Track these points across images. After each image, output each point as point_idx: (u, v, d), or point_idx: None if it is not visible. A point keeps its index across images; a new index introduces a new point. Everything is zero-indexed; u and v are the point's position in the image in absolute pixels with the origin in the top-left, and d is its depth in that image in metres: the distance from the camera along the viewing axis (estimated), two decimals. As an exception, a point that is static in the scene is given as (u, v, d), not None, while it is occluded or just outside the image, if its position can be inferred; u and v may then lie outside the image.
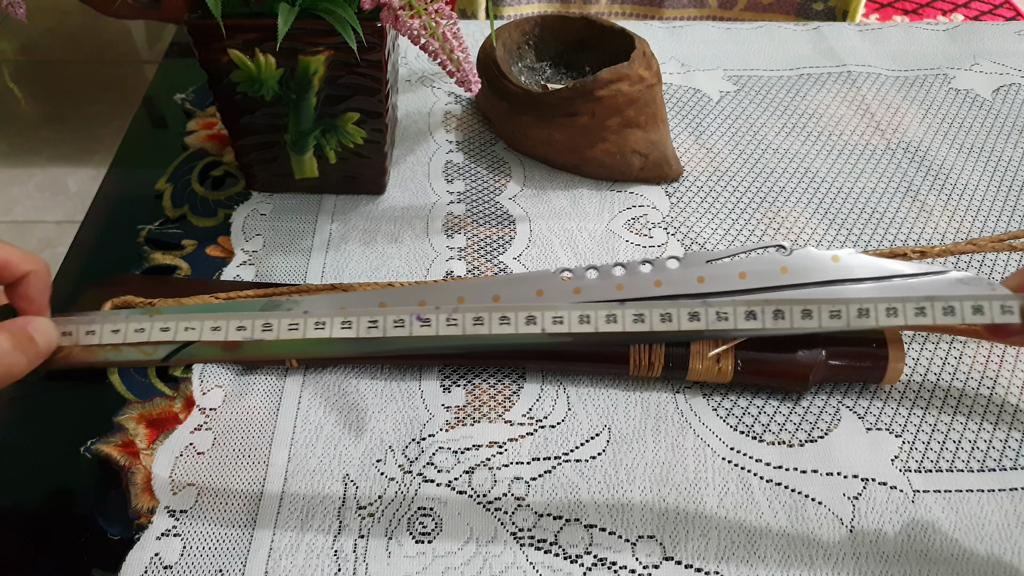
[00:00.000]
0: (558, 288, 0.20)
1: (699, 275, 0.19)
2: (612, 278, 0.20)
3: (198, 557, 0.22)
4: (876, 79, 0.42)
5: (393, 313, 0.17)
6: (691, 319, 0.17)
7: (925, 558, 0.22)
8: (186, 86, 0.40)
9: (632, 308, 0.17)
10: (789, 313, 0.17)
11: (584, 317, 0.17)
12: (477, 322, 0.17)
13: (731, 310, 0.17)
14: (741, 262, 0.20)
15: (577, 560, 0.22)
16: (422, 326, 0.17)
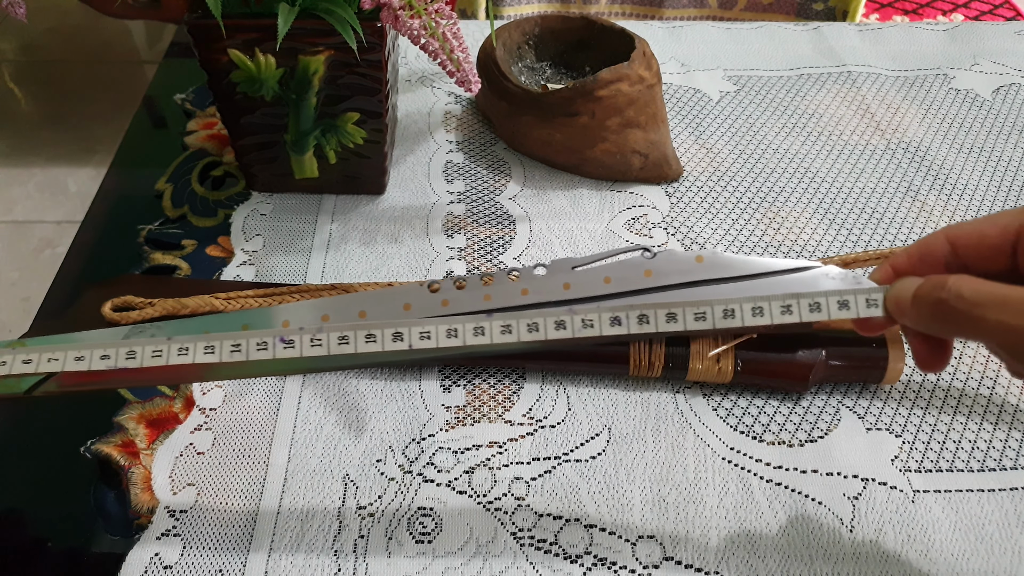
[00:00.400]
0: (426, 302, 0.19)
1: (565, 282, 0.19)
2: (480, 289, 0.19)
3: (198, 557, 0.22)
4: (876, 79, 0.42)
5: (256, 336, 0.17)
6: (557, 328, 0.17)
7: (925, 558, 0.22)
8: (186, 86, 0.40)
9: (500, 319, 0.17)
10: (653, 317, 0.17)
11: (452, 331, 0.17)
12: (342, 341, 0.17)
13: (596, 317, 0.17)
14: (606, 267, 0.19)
15: (577, 560, 0.22)
16: (285, 348, 0.17)
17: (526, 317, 0.17)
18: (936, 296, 0.16)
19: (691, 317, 0.17)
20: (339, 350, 0.17)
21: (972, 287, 0.15)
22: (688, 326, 0.17)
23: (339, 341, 0.17)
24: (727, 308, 0.17)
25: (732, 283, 0.19)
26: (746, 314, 0.17)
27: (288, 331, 0.17)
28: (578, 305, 0.17)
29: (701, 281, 0.19)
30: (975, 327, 0.15)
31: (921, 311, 0.16)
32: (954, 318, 0.15)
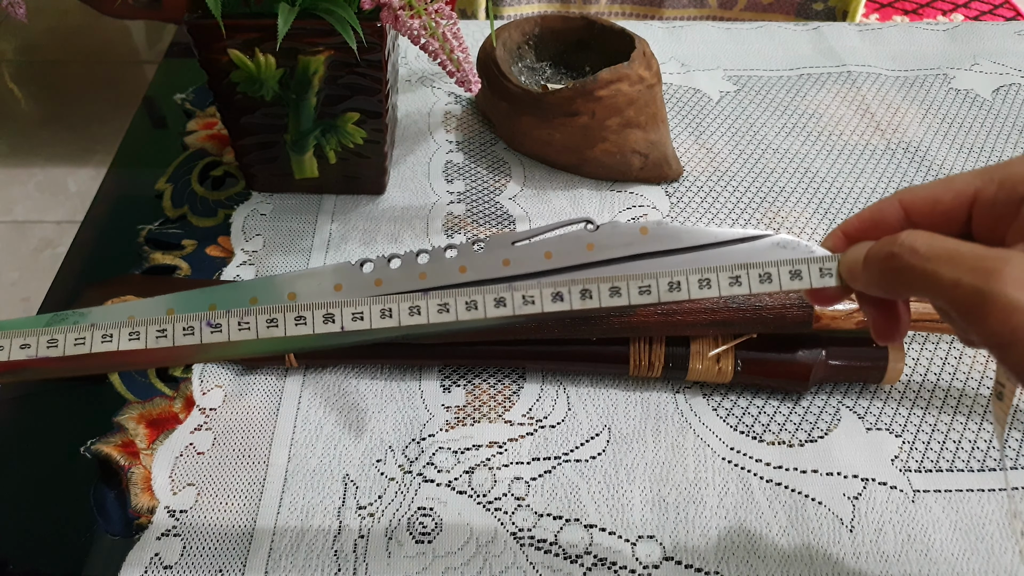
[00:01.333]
0: (358, 281, 0.18)
1: (505, 258, 0.18)
2: (416, 266, 0.18)
3: (198, 557, 0.22)
4: (876, 79, 0.42)
5: (183, 320, 0.16)
6: (497, 305, 0.16)
7: (925, 557, 0.22)
8: (186, 86, 0.40)
9: (436, 298, 0.16)
10: (596, 292, 0.16)
11: (386, 311, 0.16)
12: (271, 324, 0.16)
13: (537, 292, 0.16)
14: (547, 241, 0.18)
15: (577, 560, 0.22)
16: (212, 332, 0.16)
17: (464, 295, 0.16)
18: (888, 251, 0.15)
19: (635, 291, 0.16)
20: (268, 333, 0.16)
21: (926, 241, 0.14)
22: (633, 300, 0.16)
23: (268, 324, 0.16)
24: (672, 280, 0.16)
25: (679, 255, 0.18)
26: (692, 286, 0.16)
27: (215, 314, 0.16)
28: (518, 282, 0.17)
29: (647, 254, 0.18)
30: (927, 283, 0.14)
31: (872, 271, 0.15)
32: (906, 275, 0.14)
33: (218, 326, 0.16)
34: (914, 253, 0.14)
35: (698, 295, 0.16)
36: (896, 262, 0.15)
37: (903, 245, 0.14)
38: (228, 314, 0.16)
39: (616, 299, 0.16)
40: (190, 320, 0.16)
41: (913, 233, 0.15)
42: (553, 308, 0.16)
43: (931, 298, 0.14)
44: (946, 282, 0.13)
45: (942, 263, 0.14)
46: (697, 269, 0.16)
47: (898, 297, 0.16)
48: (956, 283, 0.13)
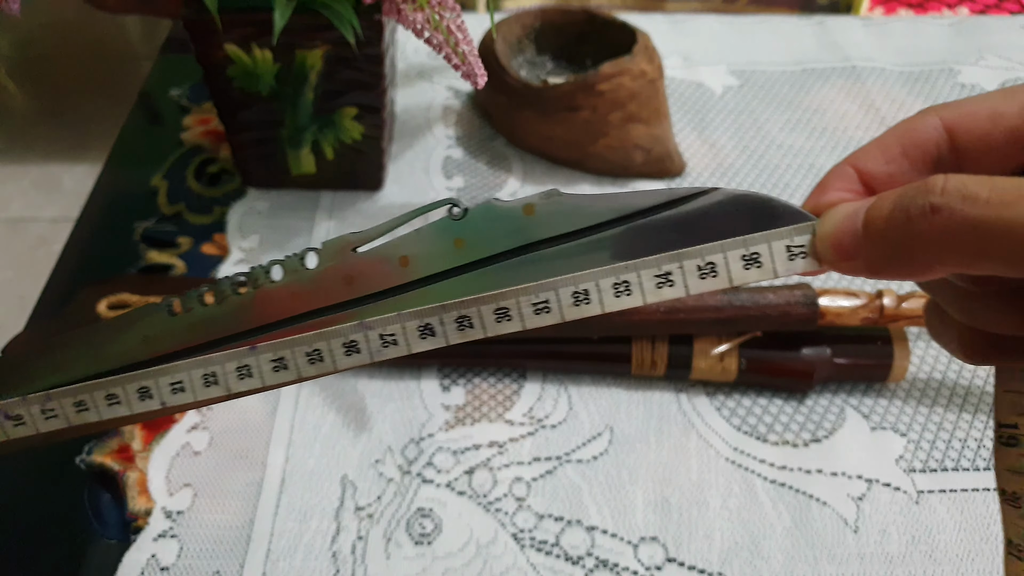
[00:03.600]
0: (169, 330, 0.14)
1: (346, 273, 0.13)
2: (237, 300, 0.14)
3: (195, 559, 0.21)
4: (881, 74, 0.41)
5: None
6: (348, 352, 0.12)
7: (930, 559, 0.22)
8: (182, 82, 0.39)
9: (268, 351, 0.13)
10: (478, 318, 0.12)
11: (210, 377, 0.13)
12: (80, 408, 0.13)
13: (399, 330, 0.12)
14: (400, 242, 0.13)
15: (579, 562, 0.21)
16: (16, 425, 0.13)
17: (303, 344, 0.12)
18: (923, 203, 0.09)
19: (529, 310, 0.12)
20: (81, 419, 0.13)
21: (986, 183, 0.09)
22: (529, 323, 0.12)
23: (76, 408, 0.13)
24: (578, 290, 0.12)
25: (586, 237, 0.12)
26: (607, 296, 0.12)
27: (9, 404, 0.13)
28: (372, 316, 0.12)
29: (538, 243, 0.12)
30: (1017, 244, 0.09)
31: (889, 240, 0.10)
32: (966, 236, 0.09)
33: (19, 417, 0.13)
34: (974, 200, 0.09)
35: (615, 306, 0.12)
36: (943, 219, 0.09)
37: (950, 192, 0.09)
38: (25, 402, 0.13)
39: (506, 323, 0.12)
40: None
41: (952, 176, 0.09)
42: (423, 346, 0.12)
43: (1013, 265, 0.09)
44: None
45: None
46: (610, 269, 0.12)
47: (933, 275, 0.10)
48: None
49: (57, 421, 0.14)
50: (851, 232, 0.11)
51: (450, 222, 0.13)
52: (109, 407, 0.13)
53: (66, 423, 0.14)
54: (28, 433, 0.14)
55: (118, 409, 0.13)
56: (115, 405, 0.13)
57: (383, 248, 0.13)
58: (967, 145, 0.11)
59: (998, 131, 0.11)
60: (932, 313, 0.13)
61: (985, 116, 0.11)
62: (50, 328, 0.27)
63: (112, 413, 0.13)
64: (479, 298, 0.12)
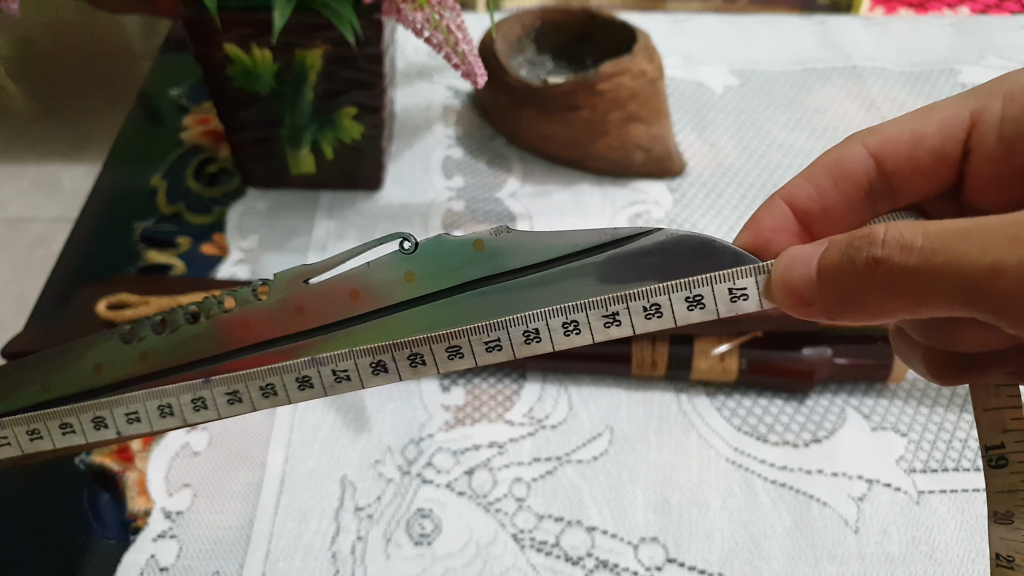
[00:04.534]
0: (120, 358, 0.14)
1: (298, 304, 0.13)
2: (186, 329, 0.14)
3: (194, 559, 0.21)
4: (882, 74, 0.41)
5: None
6: (301, 387, 0.12)
7: (930, 559, 0.22)
8: (182, 81, 0.39)
9: (223, 385, 0.13)
10: (430, 356, 0.12)
11: (165, 408, 0.13)
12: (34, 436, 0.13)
13: (350, 366, 0.12)
14: (351, 275, 0.13)
15: (579, 562, 0.21)
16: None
17: (257, 378, 0.13)
18: (866, 257, 0.10)
19: (481, 348, 0.12)
20: (34, 447, 0.13)
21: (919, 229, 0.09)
22: (480, 360, 0.12)
23: (30, 436, 0.13)
24: (528, 329, 0.12)
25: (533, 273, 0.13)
26: (556, 333, 0.12)
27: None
28: (324, 348, 0.13)
29: (485, 279, 0.13)
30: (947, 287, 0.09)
31: (839, 289, 0.10)
32: (909, 285, 0.09)
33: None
34: (909, 249, 0.09)
35: (565, 344, 0.12)
36: (884, 271, 0.10)
37: (889, 243, 0.10)
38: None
39: (458, 361, 0.12)
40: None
41: (891, 225, 0.10)
42: (376, 382, 0.12)
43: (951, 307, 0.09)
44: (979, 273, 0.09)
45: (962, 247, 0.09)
46: (560, 310, 0.12)
47: (886, 320, 0.11)
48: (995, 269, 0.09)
49: (10, 449, 0.13)
50: (806, 279, 0.11)
51: (401, 256, 0.13)
52: (64, 436, 0.13)
53: (19, 451, 0.13)
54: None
55: (73, 438, 0.13)
56: (70, 434, 0.13)
57: (334, 280, 0.13)
58: (895, 169, 0.12)
59: (921, 152, 0.11)
60: (897, 337, 0.13)
61: (907, 139, 0.11)
62: (49, 328, 0.27)
63: (67, 442, 0.13)
64: (431, 337, 0.12)
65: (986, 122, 0.11)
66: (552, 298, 0.12)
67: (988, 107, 0.11)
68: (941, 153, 0.11)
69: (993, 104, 0.11)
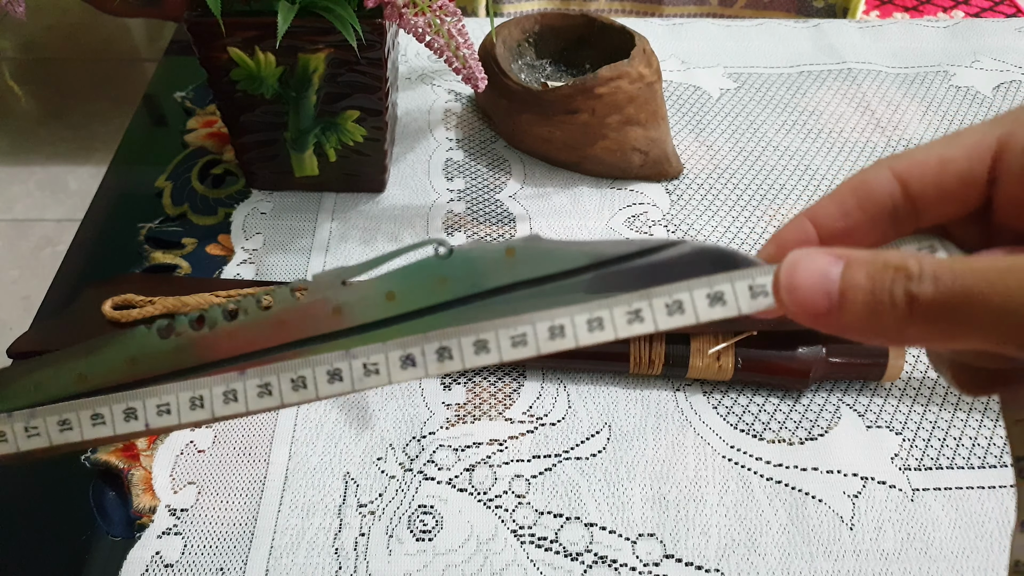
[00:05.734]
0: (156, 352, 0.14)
1: (335, 304, 0.14)
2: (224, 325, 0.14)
3: (199, 555, 0.22)
4: (876, 76, 0.41)
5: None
6: (331, 380, 0.13)
7: (925, 555, 0.22)
8: (186, 84, 0.40)
9: (255, 377, 0.13)
10: (458, 349, 0.13)
11: (196, 400, 0.13)
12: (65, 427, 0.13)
13: (382, 359, 0.13)
14: (389, 278, 0.14)
15: (577, 558, 0.22)
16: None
17: (289, 370, 0.13)
18: (903, 292, 0.10)
19: (507, 343, 0.13)
20: (63, 438, 0.13)
21: (949, 266, 0.10)
22: (506, 356, 0.13)
23: (60, 427, 0.13)
24: (554, 325, 0.13)
25: (560, 281, 0.13)
26: (580, 329, 0.12)
27: None
28: (358, 346, 0.13)
29: (517, 284, 0.13)
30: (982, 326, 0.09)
31: (868, 316, 0.10)
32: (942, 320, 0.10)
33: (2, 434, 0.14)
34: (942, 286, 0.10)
35: (588, 340, 0.13)
36: (920, 307, 0.10)
37: (925, 279, 0.10)
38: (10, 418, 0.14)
39: (484, 356, 0.13)
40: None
41: (923, 259, 0.10)
42: (405, 376, 0.13)
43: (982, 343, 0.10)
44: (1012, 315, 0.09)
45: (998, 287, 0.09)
46: (584, 307, 0.13)
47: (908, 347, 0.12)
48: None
49: (39, 440, 0.14)
50: (823, 294, 0.11)
51: (436, 260, 0.14)
52: (93, 427, 0.13)
53: (47, 442, 0.14)
54: (8, 451, 0.14)
55: (102, 430, 0.13)
56: (99, 425, 0.13)
57: (371, 283, 0.14)
58: (920, 193, 0.12)
59: (948, 177, 0.12)
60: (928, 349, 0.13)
61: (934, 163, 0.12)
62: (55, 328, 0.27)
63: (95, 433, 0.14)
64: (459, 329, 0.13)
65: (1013, 148, 0.11)
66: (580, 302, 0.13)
67: (1016, 133, 0.11)
68: (968, 178, 0.11)
69: (1020, 131, 0.11)
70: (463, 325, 0.13)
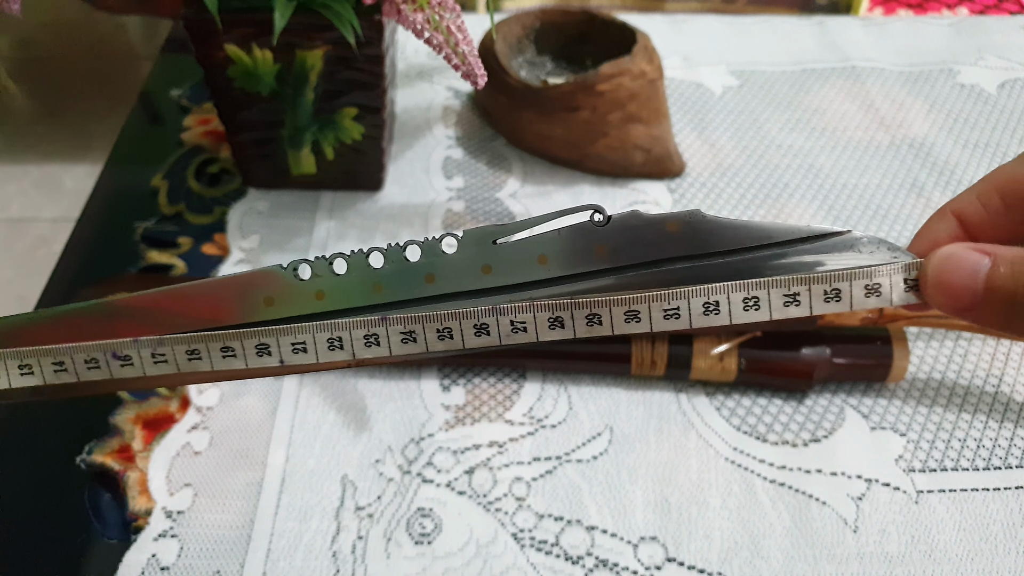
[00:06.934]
0: (293, 292, 0.14)
1: (484, 263, 0.14)
2: (368, 271, 0.14)
3: (195, 558, 0.21)
4: (880, 74, 0.41)
5: (84, 351, 0.13)
6: (478, 333, 0.13)
7: (929, 558, 0.22)
8: (182, 82, 0.39)
9: (398, 324, 0.13)
10: (608, 317, 0.13)
11: (335, 341, 0.13)
12: (193, 355, 0.13)
13: (529, 318, 0.13)
14: (541, 240, 0.14)
15: (579, 561, 0.21)
16: (123, 365, 0.13)
17: (435, 321, 0.13)
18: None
19: (659, 315, 0.13)
20: (191, 367, 0.13)
21: None
22: (656, 326, 0.13)
23: (189, 356, 0.13)
24: (709, 300, 0.12)
25: (717, 259, 0.13)
26: (735, 307, 0.13)
27: (123, 344, 0.13)
28: (504, 302, 0.13)
29: (676, 258, 0.13)
30: None
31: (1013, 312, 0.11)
32: None
33: (128, 358, 0.13)
34: None
35: (743, 319, 0.13)
36: None
37: None
38: (137, 344, 0.13)
39: (634, 325, 0.13)
40: (93, 352, 0.13)
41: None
42: (551, 335, 0.13)
43: None
44: None
45: None
46: (742, 284, 0.12)
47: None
48: None
49: (167, 367, 0.13)
50: (970, 289, 0.12)
51: (592, 227, 0.14)
52: (224, 359, 0.13)
53: (175, 369, 0.13)
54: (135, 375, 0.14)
55: (233, 362, 0.13)
56: (230, 358, 0.13)
57: (523, 243, 0.14)
58: (981, 232, 0.13)
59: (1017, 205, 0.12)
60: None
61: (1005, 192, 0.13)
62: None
63: (226, 365, 0.13)
64: (611, 298, 0.13)
65: None
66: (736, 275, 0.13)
67: None
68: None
69: None
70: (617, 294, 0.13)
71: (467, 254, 0.14)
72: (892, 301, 0.13)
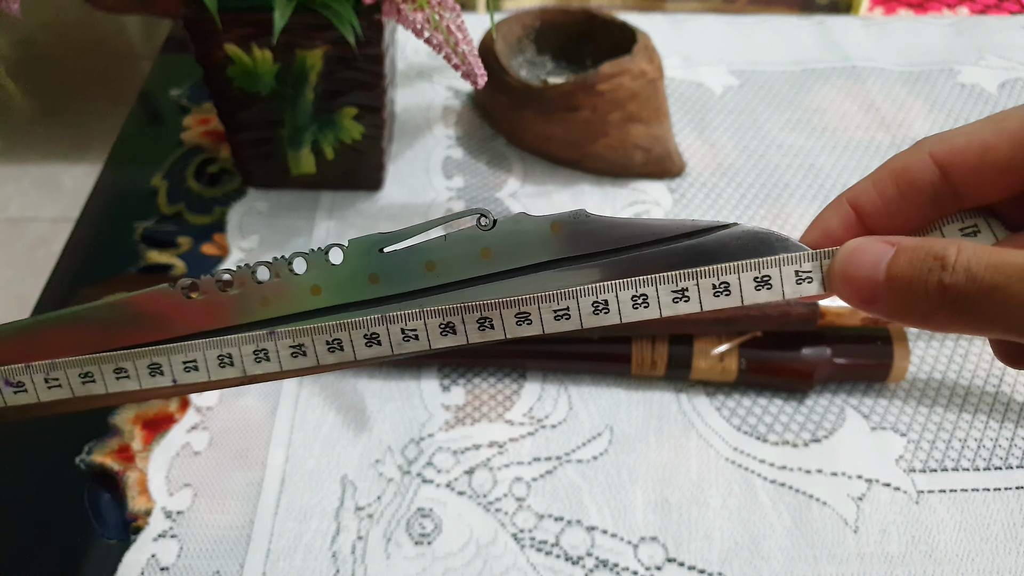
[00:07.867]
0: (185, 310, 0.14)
1: (372, 272, 0.14)
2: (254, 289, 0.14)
3: (195, 559, 0.21)
4: (881, 74, 0.41)
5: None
6: (369, 343, 0.13)
7: (930, 558, 0.22)
8: (182, 82, 0.39)
9: (287, 338, 0.13)
10: (499, 320, 0.13)
11: (225, 358, 0.13)
12: (87, 378, 0.13)
13: (420, 325, 0.13)
14: (427, 247, 0.14)
15: (579, 562, 0.21)
16: (16, 392, 0.13)
17: (324, 333, 0.13)
18: (936, 281, 0.10)
19: (550, 316, 0.13)
20: (85, 390, 0.13)
21: (985, 259, 0.10)
22: (548, 328, 0.13)
23: (82, 380, 0.13)
24: (598, 300, 0.12)
25: (606, 258, 0.13)
26: (624, 305, 0.12)
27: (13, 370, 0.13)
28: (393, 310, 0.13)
29: (561, 260, 0.13)
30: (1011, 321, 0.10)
31: (908, 303, 0.11)
32: (973, 312, 0.10)
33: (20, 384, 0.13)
34: (975, 280, 0.10)
35: (633, 317, 0.13)
36: (951, 296, 0.10)
37: (958, 270, 0.10)
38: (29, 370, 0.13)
39: (526, 327, 0.13)
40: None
41: (961, 249, 0.10)
42: (443, 343, 0.13)
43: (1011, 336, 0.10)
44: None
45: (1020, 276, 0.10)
46: (630, 281, 0.12)
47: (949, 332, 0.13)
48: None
49: (60, 391, 0.13)
50: (872, 280, 0.11)
51: (478, 231, 0.14)
52: (117, 380, 0.13)
53: (70, 394, 0.13)
54: (29, 401, 0.14)
55: (126, 383, 0.13)
56: (123, 379, 0.13)
57: (410, 251, 0.14)
58: (961, 179, 0.12)
59: (989, 165, 0.12)
60: None
61: (975, 151, 0.12)
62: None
63: (120, 387, 0.13)
64: (501, 301, 0.13)
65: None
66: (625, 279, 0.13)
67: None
68: (1010, 165, 0.12)
69: None
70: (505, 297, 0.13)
71: (353, 265, 0.14)
72: (784, 294, 0.12)
